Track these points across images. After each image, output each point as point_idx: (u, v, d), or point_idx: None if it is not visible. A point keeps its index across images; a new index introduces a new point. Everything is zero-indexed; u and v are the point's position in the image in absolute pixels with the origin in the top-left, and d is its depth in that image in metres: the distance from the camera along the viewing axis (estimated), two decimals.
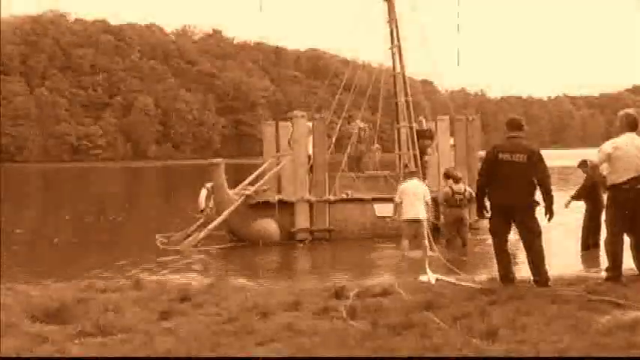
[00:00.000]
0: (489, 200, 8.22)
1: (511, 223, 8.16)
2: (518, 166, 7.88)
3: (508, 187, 7.92)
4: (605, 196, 12.89)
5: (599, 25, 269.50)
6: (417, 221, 12.86)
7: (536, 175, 7.89)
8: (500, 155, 7.99)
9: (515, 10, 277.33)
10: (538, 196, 8.02)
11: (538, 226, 7.99)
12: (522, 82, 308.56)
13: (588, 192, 12.90)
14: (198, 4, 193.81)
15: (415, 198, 12.92)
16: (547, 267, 7.97)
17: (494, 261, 8.44)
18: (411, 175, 13.91)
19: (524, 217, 7.98)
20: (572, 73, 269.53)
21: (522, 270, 8.29)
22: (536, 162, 7.90)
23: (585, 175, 13.18)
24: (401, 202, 12.97)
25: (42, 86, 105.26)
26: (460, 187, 14.35)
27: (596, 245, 12.32)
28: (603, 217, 10.86)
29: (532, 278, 7.95)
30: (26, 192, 39.74)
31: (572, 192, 13.46)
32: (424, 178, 16.16)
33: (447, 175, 14.79)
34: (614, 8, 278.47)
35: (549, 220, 7.91)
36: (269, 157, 17.10)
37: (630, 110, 8.33)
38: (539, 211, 7.98)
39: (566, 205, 12.44)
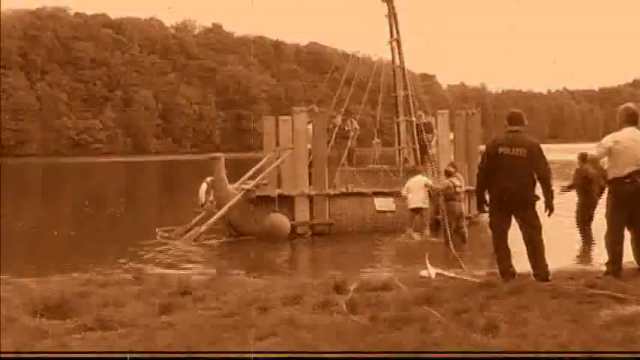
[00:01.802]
0: (489, 194, 8.19)
1: (511, 218, 8.13)
2: (518, 160, 7.85)
3: (508, 181, 7.89)
4: (595, 190, 13.25)
5: (598, 18, 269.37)
6: (419, 210, 14.82)
7: (536, 169, 7.84)
8: (500, 149, 7.96)
9: (515, 4, 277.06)
10: (538, 190, 8.01)
11: (538, 220, 7.95)
12: (522, 76, 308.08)
13: (581, 185, 13.13)
14: None
15: (418, 190, 14.92)
16: (547, 261, 7.95)
17: (494, 255, 8.43)
18: (415, 172, 16.15)
19: (525, 211, 7.94)
20: (571, 67, 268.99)
21: (522, 264, 8.27)
22: (536, 156, 7.84)
23: (577, 168, 13.50)
24: (407, 195, 15.04)
25: (42, 80, 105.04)
26: (455, 180, 14.38)
27: (588, 238, 12.59)
28: (596, 210, 11.03)
29: (532, 272, 7.95)
30: (26, 186, 39.75)
31: (565, 183, 13.91)
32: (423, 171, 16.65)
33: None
34: (613, 2, 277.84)
35: (549, 215, 7.88)
36: (269, 152, 17.10)
37: (630, 104, 8.32)
38: (540, 206, 7.96)
39: (560, 191, 12.79)
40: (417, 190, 14.88)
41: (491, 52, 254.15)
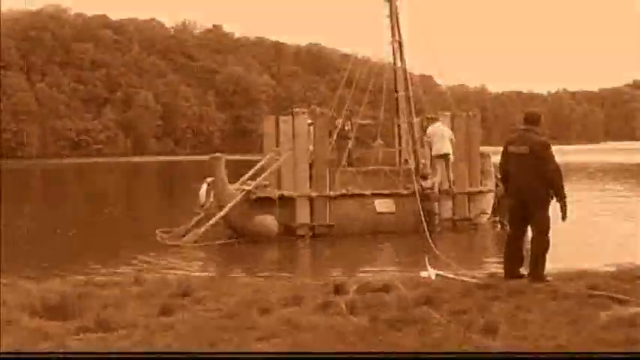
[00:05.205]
0: (508, 192, 8.29)
1: (528, 217, 8.01)
2: (522, 159, 7.82)
3: (518, 180, 7.93)
4: None
5: (598, 19, 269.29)
6: (446, 155, 16.29)
7: (542, 170, 7.69)
8: (510, 147, 8.01)
9: (515, 5, 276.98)
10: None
11: (545, 221, 7.84)
12: (522, 77, 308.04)
13: None
14: None
15: (443, 137, 16.31)
16: (545, 264, 7.89)
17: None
18: (434, 120, 16.96)
19: (534, 211, 7.86)
20: (571, 68, 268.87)
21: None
22: (539, 155, 7.72)
23: None
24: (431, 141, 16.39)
25: (42, 81, 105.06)
26: (428, 183, 16.19)
27: None
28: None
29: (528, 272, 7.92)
30: (26, 187, 39.74)
31: None
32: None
33: None
34: (614, 3, 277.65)
35: (563, 218, 7.68)
36: (269, 152, 17.07)
37: None
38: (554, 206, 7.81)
39: None
40: (441, 138, 16.19)
41: (492, 52, 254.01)
